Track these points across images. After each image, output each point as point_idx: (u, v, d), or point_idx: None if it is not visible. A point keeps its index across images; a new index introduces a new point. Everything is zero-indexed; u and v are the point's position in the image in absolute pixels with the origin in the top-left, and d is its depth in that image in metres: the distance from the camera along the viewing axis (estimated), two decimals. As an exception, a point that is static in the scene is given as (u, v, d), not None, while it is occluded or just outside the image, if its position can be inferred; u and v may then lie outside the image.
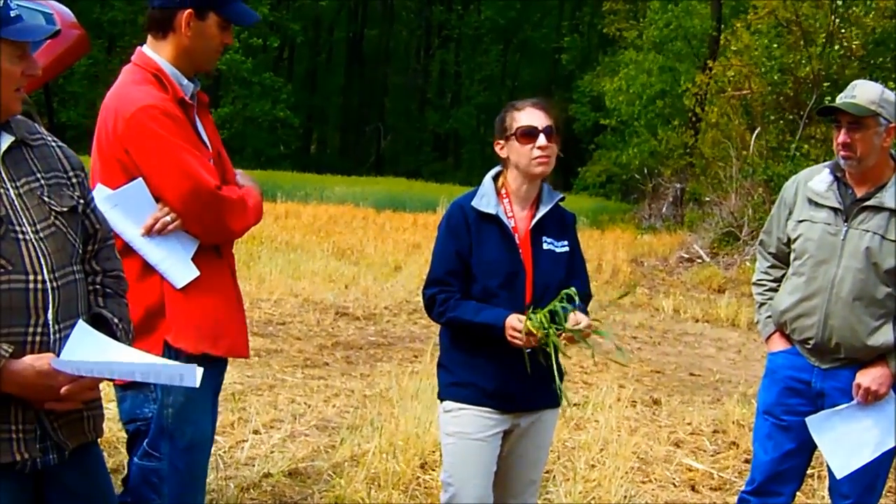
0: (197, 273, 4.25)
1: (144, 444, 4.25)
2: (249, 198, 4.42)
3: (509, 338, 4.45)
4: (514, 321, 4.45)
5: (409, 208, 34.85)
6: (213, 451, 7.27)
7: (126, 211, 4.13)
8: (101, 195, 4.08)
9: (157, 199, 4.21)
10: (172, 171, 4.15)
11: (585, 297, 4.79)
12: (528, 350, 4.44)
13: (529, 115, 4.68)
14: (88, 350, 3.15)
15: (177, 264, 4.23)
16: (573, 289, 4.53)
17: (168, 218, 4.20)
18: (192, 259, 4.27)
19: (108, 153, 4.21)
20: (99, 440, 3.48)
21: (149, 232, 4.16)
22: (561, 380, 4.51)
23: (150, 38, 4.40)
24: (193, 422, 4.31)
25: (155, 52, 4.35)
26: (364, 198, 36.70)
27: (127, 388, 4.32)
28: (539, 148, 4.63)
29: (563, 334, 4.42)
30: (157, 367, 3.32)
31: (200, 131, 4.41)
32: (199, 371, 3.12)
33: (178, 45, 4.33)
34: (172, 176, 4.15)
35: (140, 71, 4.33)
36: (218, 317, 4.34)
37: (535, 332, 4.39)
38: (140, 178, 4.16)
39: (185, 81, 4.36)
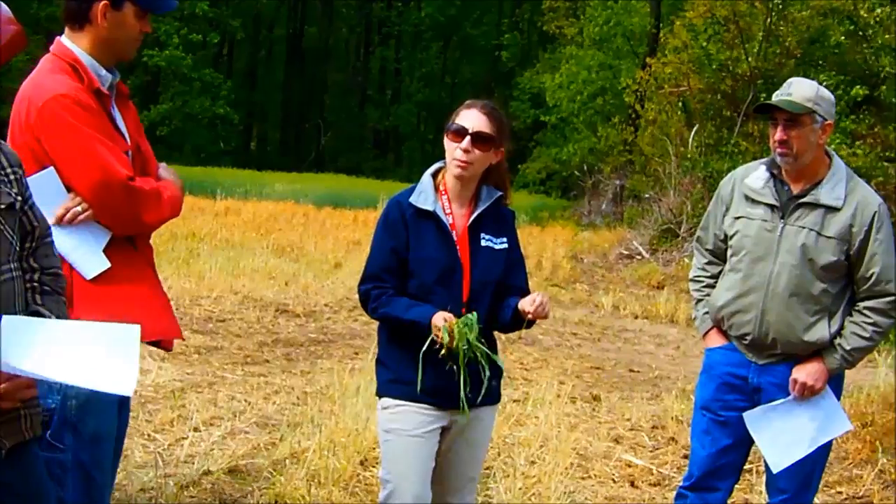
0: (108, 264, 4.23)
1: (47, 435, 4.18)
2: (165, 190, 4.41)
3: (434, 335, 4.44)
4: (439, 319, 4.45)
5: (349, 205, 34.73)
6: (152, 449, 7.28)
7: (36, 200, 4.08)
8: None
9: (69, 189, 4.20)
10: (83, 161, 4.14)
11: (524, 293, 4.78)
12: (441, 351, 4.44)
13: (468, 116, 4.66)
14: (24, 337, 3.09)
15: (87, 255, 4.21)
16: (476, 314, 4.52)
17: (79, 208, 4.18)
18: (107, 251, 4.26)
19: (20, 142, 4.18)
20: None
21: (59, 222, 4.13)
22: (476, 385, 4.55)
23: (67, 29, 4.38)
24: (97, 414, 4.24)
25: (73, 42, 4.34)
26: (304, 195, 36.52)
27: None
28: (462, 150, 4.62)
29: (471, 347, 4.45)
30: (95, 367, 3.28)
31: (118, 122, 4.40)
32: (137, 329, 3.12)
33: (96, 36, 4.32)
34: (83, 166, 4.14)
35: (57, 61, 4.32)
36: (131, 306, 4.29)
37: (448, 337, 4.40)
38: (51, 167, 4.15)
39: (103, 72, 4.35)
